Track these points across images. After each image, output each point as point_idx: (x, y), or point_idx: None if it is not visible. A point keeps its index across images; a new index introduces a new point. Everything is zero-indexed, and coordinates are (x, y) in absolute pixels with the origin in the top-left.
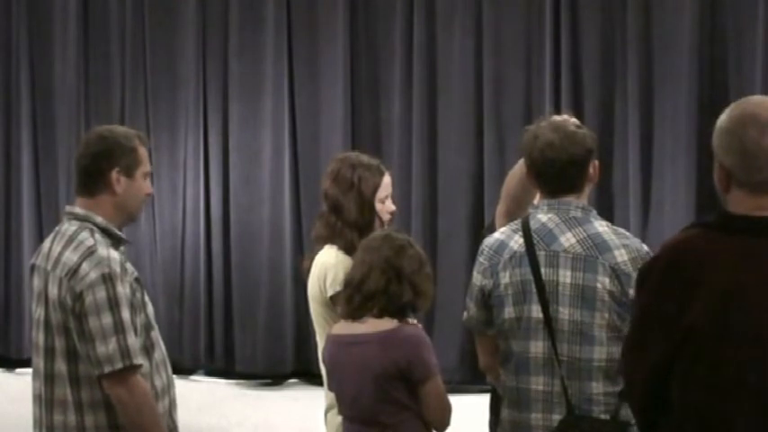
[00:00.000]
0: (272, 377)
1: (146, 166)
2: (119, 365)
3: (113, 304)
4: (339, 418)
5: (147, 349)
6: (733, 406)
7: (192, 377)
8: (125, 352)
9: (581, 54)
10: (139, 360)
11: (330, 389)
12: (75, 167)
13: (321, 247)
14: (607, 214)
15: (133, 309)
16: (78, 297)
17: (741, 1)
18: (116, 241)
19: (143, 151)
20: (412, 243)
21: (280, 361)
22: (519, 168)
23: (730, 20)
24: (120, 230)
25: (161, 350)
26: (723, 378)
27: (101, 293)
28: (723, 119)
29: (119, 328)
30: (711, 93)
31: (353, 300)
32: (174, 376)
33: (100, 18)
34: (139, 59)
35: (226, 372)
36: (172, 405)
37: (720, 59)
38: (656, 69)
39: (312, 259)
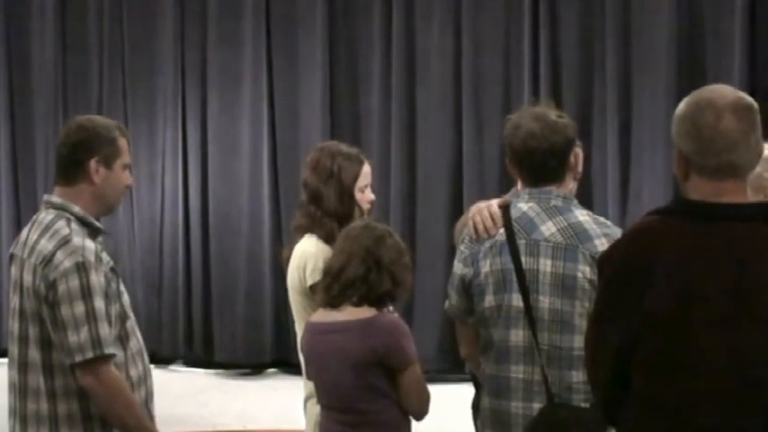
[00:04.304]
0: (252, 367)
1: (125, 158)
2: (89, 355)
3: (86, 293)
4: (318, 407)
5: (122, 339)
6: (692, 391)
7: (171, 367)
8: (96, 341)
9: (559, 43)
10: (111, 350)
11: (308, 377)
12: (54, 156)
13: (301, 237)
14: (586, 203)
15: (108, 299)
16: (52, 285)
17: None
18: (93, 231)
19: (123, 143)
20: (392, 233)
21: (259, 350)
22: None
23: (708, 9)
24: (98, 221)
25: (137, 340)
26: (681, 363)
27: (74, 282)
28: (681, 107)
29: (91, 317)
30: (689, 81)
31: (332, 288)
32: (153, 366)
33: (77, 7)
34: (117, 49)
35: (205, 361)
36: (148, 396)
37: (698, 48)
38: (634, 58)
39: (292, 249)
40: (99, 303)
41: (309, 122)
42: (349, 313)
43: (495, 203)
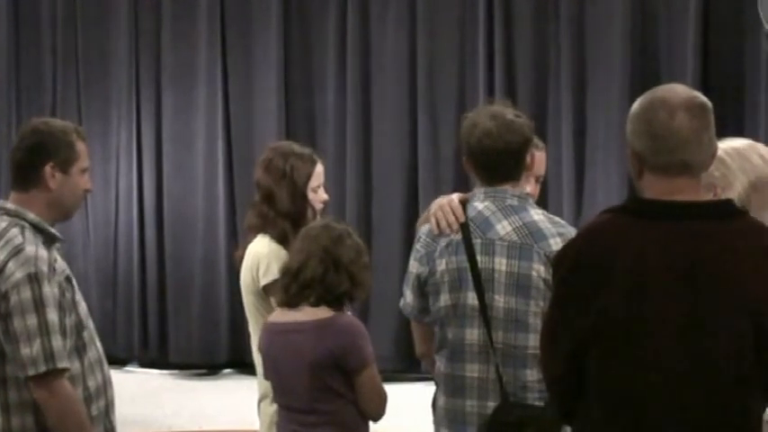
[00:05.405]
0: (207, 367)
1: (83, 162)
2: (42, 368)
3: (39, 305)
4: (273, 407)
5: (79, 350)
6: (645, 391)
7: (126, 368)
8: (49, 355)
9: (514, 44)
10: (64, 363)
11: (266, 377)
12: (9, 161)
13: (254, 237)
14: (540, 202)
15: (62, 309)
16: (3, 297)
17: None
18: (49, 239)
19: (81, 146)
20: (351, 233)
21: (214, 351)
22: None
23: (662, 10)
24: (53, 227)
25: (96, 349)
26: (635, 363)
27: (26, 293)
28: (635, 105)
29: (44, 329)
30: (643, 80)
31: (290, 288)
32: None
33: (31, 7)
34: (71, 48)
35: (160, 362)
36: (109, 406)
37: (652, 46)
38: (588, 57)
39: (245, 249)
40: (52, 315)
41: (264, 122)
42: (306, 313)
43: (455, 198)
